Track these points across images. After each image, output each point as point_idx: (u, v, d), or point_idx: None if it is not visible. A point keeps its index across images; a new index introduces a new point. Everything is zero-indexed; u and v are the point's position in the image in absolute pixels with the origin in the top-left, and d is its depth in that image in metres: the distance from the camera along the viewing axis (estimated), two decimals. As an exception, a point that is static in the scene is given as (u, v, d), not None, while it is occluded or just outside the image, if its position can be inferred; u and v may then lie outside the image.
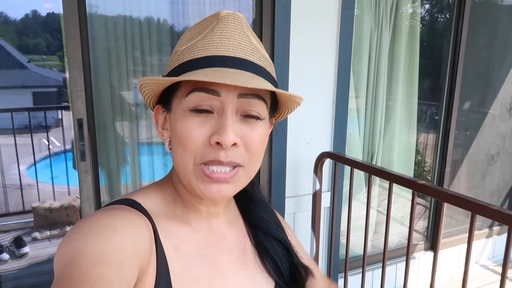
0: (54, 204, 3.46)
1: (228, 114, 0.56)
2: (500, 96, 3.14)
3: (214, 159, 0.56)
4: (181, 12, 2.13)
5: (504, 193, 3.38)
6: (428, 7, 3.01)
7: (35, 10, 19.49)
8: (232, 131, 0.55)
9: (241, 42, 0.58)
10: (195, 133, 0.56)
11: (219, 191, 0.58)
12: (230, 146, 0.56)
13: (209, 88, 0.56)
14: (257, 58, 0.59)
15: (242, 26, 0.60)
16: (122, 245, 0.50)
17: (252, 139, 0.59)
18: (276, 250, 0.72)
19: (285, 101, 0.65)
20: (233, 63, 0.56)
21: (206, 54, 0.57)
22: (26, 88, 14.97)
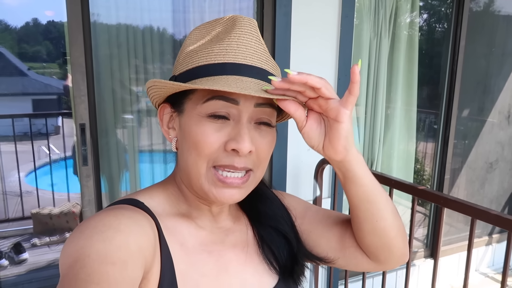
0: (53, 210, 3.46)
1: (245, 122, 0.58)
2: (499, 104, 3.17)
3: (229, 164, 0.58)
4: (182, 21, 2.16)
5: (503, 201, 3.39)
6: (427, 16, 3.05)
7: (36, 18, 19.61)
8: (248, 139, 0.57)
9: (258, 50, 0.60)
10: (211, 139, 0.58)
11: (231, 195, 0.60)
12: (246, 153, 0.58)
13: (229, 97, 0.57)
14: (271, 66, 0.62)
15: (257, 33, 0.61)
16: (126, 244, 0.51)
17: (263, 146, 0.61)
18: (274, 240, 0.72)
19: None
20: (250, 72, 0.58)
21: (224, 60, 0.58)
22: (26, 96, 15.00)
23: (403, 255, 0.74)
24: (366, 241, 0.70)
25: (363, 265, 0.74)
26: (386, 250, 0.71)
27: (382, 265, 0.74)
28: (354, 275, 2.55)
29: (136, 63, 2.06)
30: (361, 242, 0.72)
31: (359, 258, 0.73)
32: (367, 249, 0.72)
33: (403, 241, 0.72)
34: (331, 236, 0.75)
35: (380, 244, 0.70)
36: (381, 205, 0.66)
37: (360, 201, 0.66)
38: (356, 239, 0.73)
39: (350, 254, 0.74)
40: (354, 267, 0.76)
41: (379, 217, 0.67)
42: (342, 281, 2.36)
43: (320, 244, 0.76)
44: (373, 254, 0.72)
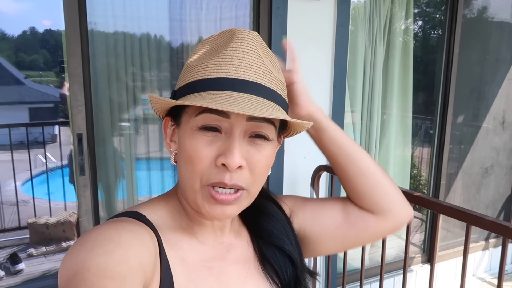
0: (50, 220, 3.44)
1: (236, 136, 0.57)
2: (493, 110, 3.20)
3: (219, 181, 0.57)
4: (179, 30, 2.18)
5: (499, 206, 3.41)
6: (421, 23, 3.08)
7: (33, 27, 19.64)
8: (238, 154, 0.56)
9: (253, 64, 0.58)
10: (203, 153, 0.57)
11: (223, 211, 0.59)
12: (235, 168, 0.56)
13: (219, 111, 0.56)
14: (269, 80, 0.59)
15: (256, 46, 0.59)
16: (126, 258, 0.50)
17: (258, 162, 0.59)
18: (277, 260, 0.71)
19: (293, 124, 0.66)
20: (243, 87, 0.57)
21: (217, 75, 0.57)
22: (23, 104, 14.97)
23: (403, 202, 0.77)
24: (360, 189, 0.75)
25: (372, 224, 0.76)
26: (382, 194, 0.75)
27: (388, 216, 0.76)
28: (352, 281, 2.55)
29: (133, 71, 2.08)
30: (356, 195, 0.76)
31: (366, 218, 0.76)
32: (366, 201, 0.75)
33: (397, 188, 0.77)
34: (334, 213, 0.77)
35: (374, 187, 0.74)
36: (356, 147, 0.75)
37: (336, 145, 0.75)
38: (354, 200, 0.77)
39: (356, 218, 0.76)
40: (365, 232, 0.77)
41: (359, 157, 0.75)
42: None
43: (326, 225, 0.77)
44: (374, 205, 0.75)
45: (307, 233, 0.77)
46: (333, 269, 2.33)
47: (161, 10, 2.14)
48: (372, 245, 2.86)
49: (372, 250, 2.85)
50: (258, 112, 0.53)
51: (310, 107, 0.74)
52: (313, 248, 0.79)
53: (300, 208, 0.78)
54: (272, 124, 0.60)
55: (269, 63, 0.61)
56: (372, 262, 2.78)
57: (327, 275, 2.22)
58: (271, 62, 0.63)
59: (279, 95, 0.61)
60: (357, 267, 2.62)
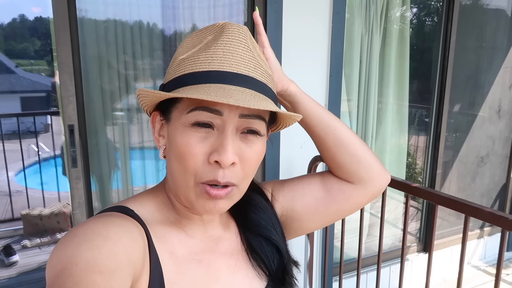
0: (44, 211, 3.41)
1: (229, 133, 0.57)
2: (489, 99, 3.19)
3: (213, 178, 0.57)
4: (172, 17, 2.13)
5: (494, 194, 3.42)
6: (417, 11, 3.05)
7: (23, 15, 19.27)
8: (231, 150, 0.56)
9: (245, 57, 0.58)
10: (195, 150, 0.57)
11: (215, 205, 0.59)
12: (229, 165, 0.56)
13: (212, 108, 0.56)
14: (260, 74, 0.59)
15: (246, 40, 0.59)
16: (114, 253, 0.50)
17: (249, 158, 0.59)
18: (264, 250, 0.72)
19: (283, 118, 0.66)
20: (235, 80, 0.56)
21: (208, 68, 0.57)
22: (14, 93, 14.78)
23: (381, 169, 0.79)
24: (338, 158, 0.76)
25: (352, 194, 0.77)
26: (362, 163, 0.76)
27: (367, 184, 0.77)
28: (348, 271, 2.56)
29: (125, 60, 2.03)
30: (336, 165, 0.77)
31: (346, 189, 0.77)
32: (346, 170, 0.76)
33: (374, 155, 0.78)
34: (313, 188, 0.78)
35: (353, 156, 0.75)
36: (331, 117, 0.76)
37: (313, 117, 0.75)
38: (334, 171, 0.78)
39: (336, 190, 0.77)
40: (346, 202, 0.78)
41: (335, 127, 0.75)
42: (337, 277, 2.37)
43: (306, 201, 0.78)
44: (354, 174, 0.76)
45: (290, 213, 0.78)
46: (329, 259, 2.33)
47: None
48: (368, 234, 2.87)
49: (368, 239, 2.86)
50: (253, 104, 0.52)
51: (284, 82, 0.73)
52: (297, 226, 0.80)
53: (279, 191, 0.79)
54: (263, 120, 0.61)
55: (259, 57, 0.62)
56: (368, 252, 2.79)
57: (323, 264, 2.22)
58: (260, 56, 0.63)
59: (270, 89, 0.61)
60: (354, 257, 2.63)
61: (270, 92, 0.61)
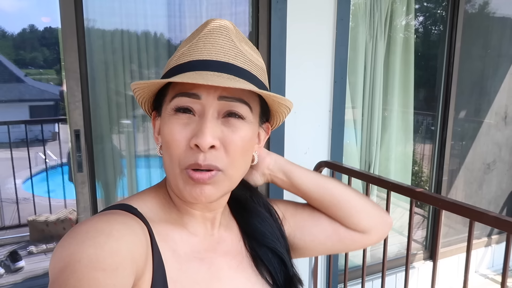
0: (50, 217, 3.43)
1: (208, 117, 0.57)
2: (495, 105, 3.17)
3: (194, 162, 0.57)
4: (178, 26, 2.15)
5: (501, 202, 3.39)
6: (422, 19, 3.05)
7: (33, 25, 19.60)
8: (210, 133, 0.56)
9: (225, 46, 0.59)
10: (178, 136, 0.58)
11: (201, 191, 0.59)
12: (207, 148, 0.56)
13: (190, 92, 0.57)
14: (241, 61, 0.60)
15: (228, 32, 0.61)
16: (117, 250, 0.50)
17: (232, 141, 0.59)
18: (270, 260, 0.72)
19: (272, 105, 0.65)
20: (214, 67, 0.57)
21: (190, 59, 0.59)
22: (23, 102, 14.97)
23: (382, 217, 0.82)
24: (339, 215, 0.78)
25: (359, 239, 0.80)
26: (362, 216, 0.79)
27: (371, 232, 0.80)
28: (353, 278, 2.54)
29: (131, 68, 2.05)
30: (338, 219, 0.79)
31: (352, 235, 0.80)
32: (348, 224, 0.79)
33: (373, 205, 0.81)
34: (323, 223, 0.80)
35: (351, 212, 0.78)
36: (323, 180, 0.79)
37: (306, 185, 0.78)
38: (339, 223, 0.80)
39: (344, 234, 0.80)
40: (352, 245, 0.81)
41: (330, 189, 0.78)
42: (342, 285, 2.35)
43: (315, 234, 0.80)
44: (356, 226, 0.79)
45: (297, 240, 0.80)
46: (334, 266, 2.31)
47: (159, 6, 2.12)
48: (373, 242, 2.84)
49: (373, 247, 2.84)
50: (222, 83, 0.53)
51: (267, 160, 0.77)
52: (302, 252, 0.82)
53: (291, 216, 0.81)
54: (246, 104, 0.60)
55: (244, 48, 0.62)
56: (373, 259, 2.76)
57: (328, 272, 2.20)
58: (247, 49, 0.63)
59: (254, 76, 0.61)
60: (359, 264, 2.60)
61: (255, 79, 0.61)
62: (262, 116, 0.66)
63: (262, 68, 0.65)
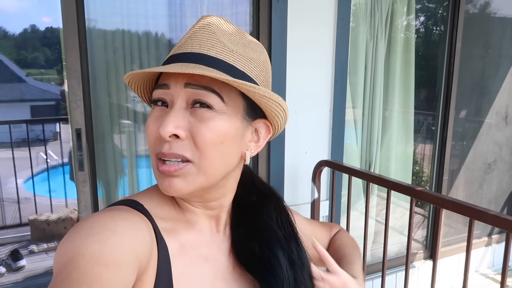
0: (51, 217, 3.44)
1: (176, 106, 0.57)
2: (496, 105, 3.17)
3: (159, 151, 0.58)
4: (179, 26, 2.16)
5: (502, 201, 3.39)
6: (423, 19, 3.06)
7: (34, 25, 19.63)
8: (171, 123, 0.55)
9: (202, 39, 0.60)
10: (151, 128, 0.59)
11: (169, 184, 0.58)
12: (167, 137, 0.56)
13: (161, 84, 0.59)
14: (217, 51, 0.58)
15: (210, 26, 0.61)
16: (121, 246, 0.50)
17: (199, 131, 0.57)
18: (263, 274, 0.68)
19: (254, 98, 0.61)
20: (187, 58, 0.58)
21: (171, 53, 0.61)
22: (24, 102, 15.00)
23: None
24: None
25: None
26: None
27: None
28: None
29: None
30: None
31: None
32: None
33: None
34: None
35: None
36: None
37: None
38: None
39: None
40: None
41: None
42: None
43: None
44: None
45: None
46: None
47: (160, 6, 2.12)
48: (373, 241, 2.84)
49: (374, 246, 2.84)
50: (180, 70, 0.54)
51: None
52: None
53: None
54: (215, 93, 0.57)
55: (230, 40, 0.61)
56: (374, 258, 2.77)
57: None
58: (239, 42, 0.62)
59: (232, 66, 0.59)
60: (359, 263, 2.60)
61: (233, 69, 0.59)
62: (250, 111, 0.63)
63: (254, 60, 0.62)
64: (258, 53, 0.64)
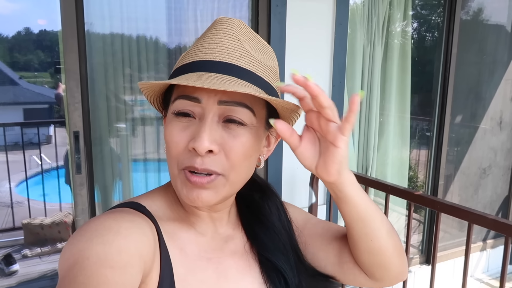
0: (45, 221, 3.40)
1: (208, 120, 0.56)
2: (491, 110, 3.20)
3: (190, 165, 0.56)
4: (178, 30, 2.16)
5: (496, 206, 3.41)
6: (419, 25, 3.09)
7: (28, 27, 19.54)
8: (208, 138, 0.54)
9: (229, 46, 0.58)
10: (177, 138, 0.57)
11: (198, 195, 0.57)
12: (204, 152, 0.55)
13: (191, 96, 0.56)
14: (246, 62, 0.58)
15: (234, 30, 0.59)
16: (125, 248, 0.50)
17: (233, 147, 0.57)
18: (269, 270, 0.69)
19: (281, 111, 0.62)
20: (216, 68, 0.56)
21: (194, 59, 0.58)
22: (17, 105, 14.88)
23: (400, 273, 0.73)
24: (362, 259, 0.70)
25: (361, 281, 0.74)
26: (382, 268, 0.70)
27: (379, 282, 0.73)
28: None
29: (131, 72, 2.05)
30: (357, 259, 0.71)
31: (357, 274, 0.73)
32: (363, 266, 0.71)
33: (400, 260, 0.71)
34: (329, 250, 0.75)
35: (376, 262, 0.69)
36: (376, 225, 0.66)
37: (354, 221, 0.66)
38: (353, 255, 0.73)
39: (348, 270, 0.74)
40: (351, 283, 0.75)
41: (374, 237, 0.67)
42: (339, 289, 2.35)
43: (318, 257, 0.76)
44: (370, 271, 0.72)
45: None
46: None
47: (158, 10, 2.12)
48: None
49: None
50: (220, 86, 0.51)
51: (341, 177, 0.61)
52: None
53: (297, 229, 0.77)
54: (248, 108, 0.57)
55: (253, 48, 0.60)
56: (370, 263, 2.77)
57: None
58: (258, 48, 0.62)
59: (260, 77, 0.59)
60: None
61: (261, 80, 0.59)
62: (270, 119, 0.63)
63: (272, 68, 0.63)
64: (272, 59, 0.65)
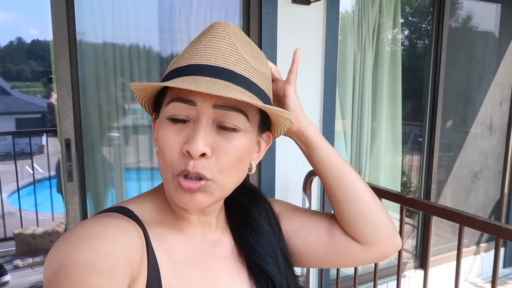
0: (37, 230, 3.36)
1: (202, 124, 0.56)
2: (480, 115, 3.24)
3: (184, 168, 0.56)
4: (168, 39, 2.17)
5: (489, 210, 3.44)
6: (409, 32, 3.13)
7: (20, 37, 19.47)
8: (202, 141, 0.55)
9: (226, 52, 0.58)
10: (171, 142, 0.57)
11: (191, 199, 0.57)
12: (198, 156, 0.55)
13: (186, 98, 0.56)
14: (242, 68, 0.58)
15: (230, 36, 0.59)
16: (112, 253, 0.50)
17: (225, 151, 0.57)
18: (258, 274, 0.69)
19: (274, 118, 0.64)
20: (212, 72, 0.56)
21: (189, 63, 0.58)
22: (9, 115, 14.78)
23: (391, 234, 0.75)
24: (346, 215, 0.73)
25: (355, 252, 0.75)
26: (369, 224, 0.72)
27: (372, 246, 0.74)
28: (345, 281, 2.54)
29: (123, 81, 2.06)
30: (342, 220, 0.74)
31: (350, 245, 0.75)
32: (351, 228, 0.73)
33: (387, 217, 0.74)
34: (319, 231, 0.76)
35: (361, 216, 0.72)
36: (347, 169, 0.73)
37: (326, 166, 0.73)
38: (341, 224, 0.75)
39: (340, 243, 0.75)
40: (347, 257, 0.75)
41: (348, 181, 0.73)
42: (333, 295, 2.34)
43: (310, 241, 0.76)
44: (360, 235, 0.73)
45: (289, 245, 0.77)
46: (326, 275, 2.31)
47: (150, 19, 2.13)
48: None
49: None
50: (217, 91, 0.51)
51: (302, 122, 0.72)
52: (294, 260, 0.77)
53: (288, 218, 0.78)
54: (242, 113, 0.58)
55: (248, 54, 0.61)
56: (365, 268, 2.77)
57: (320, 281, 2.20)
58: (252, 55, 0.62)
59: (255, 84, 0.59)
60: (350, 274, 2.60)
61: (256, 87, 0.60)
62: (262, 125, 0.64)
63: (266, 75, 0.63)
64: (266, 66, 0.65)
